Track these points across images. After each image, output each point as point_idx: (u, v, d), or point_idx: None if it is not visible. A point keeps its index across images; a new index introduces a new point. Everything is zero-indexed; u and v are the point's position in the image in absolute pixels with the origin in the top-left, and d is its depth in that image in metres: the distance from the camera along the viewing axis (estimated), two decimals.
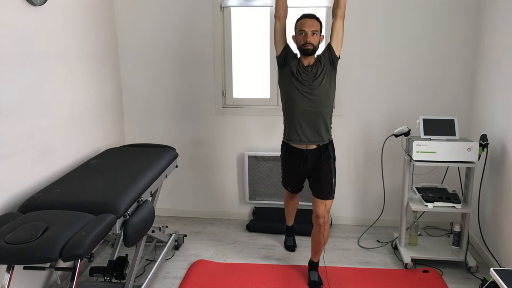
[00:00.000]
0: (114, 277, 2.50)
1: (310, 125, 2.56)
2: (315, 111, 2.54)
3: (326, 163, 2.62)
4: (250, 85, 3.58)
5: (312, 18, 2.51)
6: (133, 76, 3.60)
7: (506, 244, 2.73)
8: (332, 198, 2.64)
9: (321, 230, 2.63)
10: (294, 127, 2.59)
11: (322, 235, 2.64)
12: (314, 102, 2.53)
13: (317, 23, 2.51)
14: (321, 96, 2.53)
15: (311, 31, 2.47)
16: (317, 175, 2.63)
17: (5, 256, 1.72)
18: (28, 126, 2.41)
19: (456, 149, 2.78)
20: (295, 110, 2.56)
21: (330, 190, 2.62)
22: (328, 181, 2.61)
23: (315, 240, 2.70)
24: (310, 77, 2.52)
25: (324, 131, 2.59)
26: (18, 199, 2.32)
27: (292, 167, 2.72)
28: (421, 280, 2.77)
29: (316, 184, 2.64)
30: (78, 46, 2.92)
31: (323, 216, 2.60)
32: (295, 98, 2.55)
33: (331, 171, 2.62)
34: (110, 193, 2.20)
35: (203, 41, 3.48)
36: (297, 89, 2.53)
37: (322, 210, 2.60)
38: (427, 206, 2.86)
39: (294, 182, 2.85)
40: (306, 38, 2.47)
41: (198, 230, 3.55)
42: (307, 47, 2.48)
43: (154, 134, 3.69)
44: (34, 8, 2.44)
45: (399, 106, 3.41)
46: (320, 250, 2.73)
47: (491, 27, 3.01)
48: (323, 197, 2.61)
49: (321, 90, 2.52)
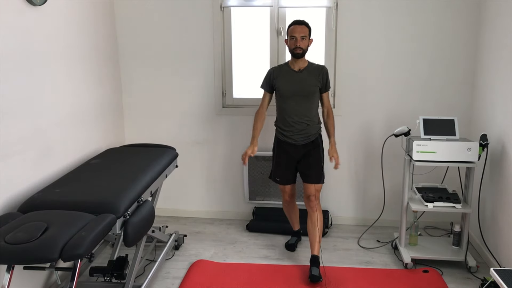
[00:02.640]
0: (114, 277, 2.50)
1: (299, 126, 2.80)
2: (301, 114, 2.79)
3: (315, 151, 2.85)
4: (250, 85, 3.58)
5: (301, 25, 2.76)
6: (133, 76, 3.61)
7: (506, 244, 2.73)
8: (322, 182, 2.86)
9: (314, 210, 2.82)
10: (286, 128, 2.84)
11: (316, 214, 2.80)
12: (301, 105, 2.79)
13: (306, 29, 2.76)
14: (307, 100, 2.78)
15: (300, 36, 2.74)
16: (306, 161, 2.84)
17: (5, 256, 1.72)
18: (28, 126, 2.41)
19: (456, 149, 2.78)
20: (284, 112, 2.83)
21: (319, 174, 2.84)
22: (317, 166, 2.83)
23: (311, 224, 2.83)
24: (298, 81, 2.79)
25: (313, 131, 2.84)
26: (18, 199, 2.32)
27: (283, 155, 2.90)
28: (421, 280, 2.77)
29: (306, 170, 2.85)
30: (78, 46, 2.92)
31: (313, 194, 2.82)
32: (287, 104, 2.81)
33: (320, 158, 2.85)
34: (110, 193, 2.20)
35: (203, 41, 3.48)
36: (288, 96, 2.80)
37: (312, 190, 2.82)
38: (427, 206, 2.86)
39: (284, 172, 2.94)
40: (296, 43, 2.75)
41: (198, 230, 3.55)
42: (297, 51, 2.76)
43: (154, 134, 3.69)
44: (34, 8, 2.44)
45: (399, 106, 3.41)
46: (316, 237, 2.82)
47: (491, 27, 3.01)
48: (313, 181, 2.83)
49: (307, 94, 2.78)
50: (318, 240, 2.82)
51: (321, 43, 3.42)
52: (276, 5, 3.38)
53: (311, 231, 2.84)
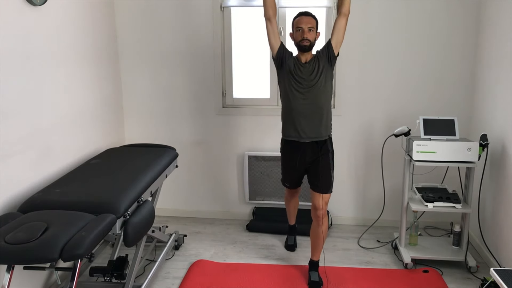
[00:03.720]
0: (114, 277, 2.49)
1: (308, 122, 2.60)
2: (313, 108, 2.58)
3: (324, 158, 2.65)
4: (250, 85, 3.58)
5: (308, 16, 2.57)
6: (133, 76, 3.60)
7: (506, 244, 2.73)
8: (330, 192, 2.69)
9: (320, 223, 2.67)
10: (293, 124, 2.63)
11: (321, 228, 2.67)
12: (312, 98, 2.57)
13: (313, 20, 2.57)
14: (318, 93, 2.57)
15: (307, 27, 2.54)
16: (315, 169, 2.66)
17: (5, 256, 1.72)
18: (28, 126, 2.41)
19: (456, 149, 2.78)
20: (293, 107, 2.60)
21: (328, 184, 2.67)
22: (326, 175, 2.65)
23: (314, 235, 2.73)
24: (307, 74, 2.57)
25: (323, 127, 2.62)
26: (18, 199, 2.32)
27: (290, 160, 2.74)
28: (421, 280, 2.77)
29: (314, 178, 2.68)
30: (78, 46, 2.92)
31: (322, 208, 2.65)
32: (294, 95, 2.59)
33: (329, 165, 2.66)
34: (110, 193, 2.19)
35: (203, 41, 3.48)
36: (295, 87, 2.58)
37: (320, 202, 2.65)
38: (427, 206, 2.86)
39: (293, 177, 2.86)
40: (303, 35, 2.54)
41: (198, 230, 3.55)
42: (304, 43, 2.54)
43: (154, 134, 3.69)
44: (34, 8, 2.44)
45: (399, 106, 3.41)
46: (319, 246, 2.75)
47: (491, 27, 3.01)
48: (321, 191, 2.65)
49: (318, 87, 2.57)
50: (320, 248, 2.77)
51: (321, 43, 3.41)
52: (276, 5, 3.38)
53: (314, 238, 2.75)
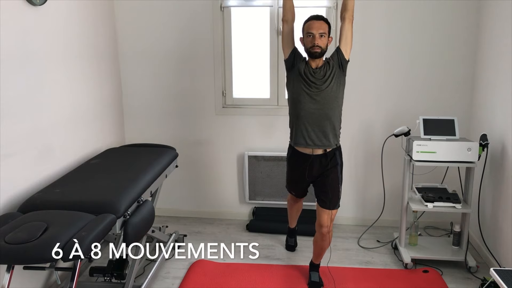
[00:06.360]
0: (114, 277, 2.49)
1: (317, 128, 2.48)
2: (322, 114, 2.46)
3: (333, 171, 2.54)
4: (250, 85, 3.58)
5: (320, 20, 2.42)
6: (133, 76, 3.60)
7: (506, 244, 2.73)
8: (338, 207, 2.59)
9: (324, 239, 2.60)
10: (300, 130, 2.52)
11: (325, 242, 2.62)
12: (322, 104, 2.45)
13: (325, 25, 2.43)
14: (329, 98, 2.45)
15: (319, 33, 2.39)
16: (323, 183, 2.55)
17: (5, 256, 1.72)
18: (28, 126, 2.41)
19: (456, 149, 2.78)
20: (301, 112, 2.49)
21: (336, 200, 2.55)
22: (334, 190, 2.53)
23: (317, 246, 2.69)
24: (318, 79, 2.46)
25: (332, 135, 2.50)
26: (18, 199, 2.32)
27: (297, 172, 2.63)
28: (421, 280, 2.77)
29: (322, 194, 2.56)
30: (78, 46, 2.92)
31: (327, 226, 2.55)
32: (302, 100, 2.47)
33: (338, 179, 2.54)
34: (110, 193, 2.19)
35: (203, 41, 3.47)
36: (305, 92, 2.46)
37: (326, 220, 2.54)
38: (427, 206, 2.86)
39: (299, 188, 2.79)
40: (314, 41, 2.40)
41: (198, 230, 3.55)
42: (315, 50, 2.41)
43: (154, 134, 3.69)
44: (34, 8, 2.44)
45: (399, 106, 3.41)
46: (322, 254, 2.73)
47: (491, 27, 3.01)
48: (329, 207, 2.54)
49: (329, 93, 2.45)
50: (323, 255, 2.74)
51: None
52: (276, 5, 3.38)
53: (317, 249, 2.70)
